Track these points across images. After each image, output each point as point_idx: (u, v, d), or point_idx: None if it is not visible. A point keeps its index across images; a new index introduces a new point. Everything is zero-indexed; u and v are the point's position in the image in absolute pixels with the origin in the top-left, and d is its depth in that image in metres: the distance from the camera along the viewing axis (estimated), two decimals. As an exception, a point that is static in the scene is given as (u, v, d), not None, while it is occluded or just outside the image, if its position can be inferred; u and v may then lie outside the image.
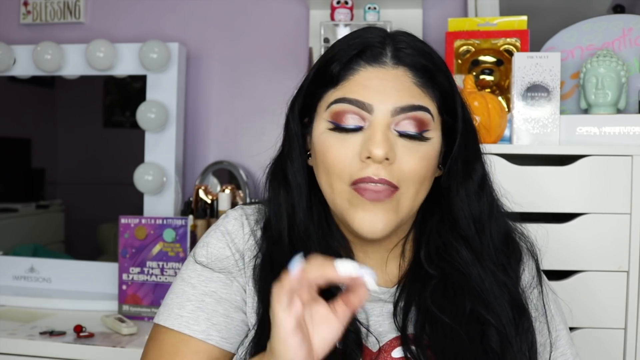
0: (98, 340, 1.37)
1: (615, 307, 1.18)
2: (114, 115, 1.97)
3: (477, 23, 1.46)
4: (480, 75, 1.41)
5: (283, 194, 0.81)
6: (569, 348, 0.85)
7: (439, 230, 0.81)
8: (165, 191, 1.74)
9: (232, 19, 1.87)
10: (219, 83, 1.87)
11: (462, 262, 0.78)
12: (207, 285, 0.79)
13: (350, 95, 0.74)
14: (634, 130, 1.23)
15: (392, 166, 0.72)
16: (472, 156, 0.80)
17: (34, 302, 1.66)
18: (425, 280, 0.79)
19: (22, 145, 2.00)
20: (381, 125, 0.73)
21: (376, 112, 0.73)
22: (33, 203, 1.99)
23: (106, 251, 1.88)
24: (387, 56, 0.75)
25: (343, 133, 0.74)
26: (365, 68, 0.75)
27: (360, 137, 0.73)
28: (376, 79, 0.74)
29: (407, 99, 0.73)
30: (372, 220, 0.73)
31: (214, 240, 0.83)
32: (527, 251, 0.86)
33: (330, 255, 0.77)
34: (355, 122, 0.74)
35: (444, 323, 0.75)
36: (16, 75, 1.85)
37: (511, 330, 0.76)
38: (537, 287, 0.84)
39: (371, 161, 0.72)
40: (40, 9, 1.92)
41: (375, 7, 1.62)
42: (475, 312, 0.75)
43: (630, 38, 1.40)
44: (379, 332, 0.78)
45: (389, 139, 0.72)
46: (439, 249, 0.80)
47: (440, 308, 0.76)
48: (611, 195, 1.18)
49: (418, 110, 0.74)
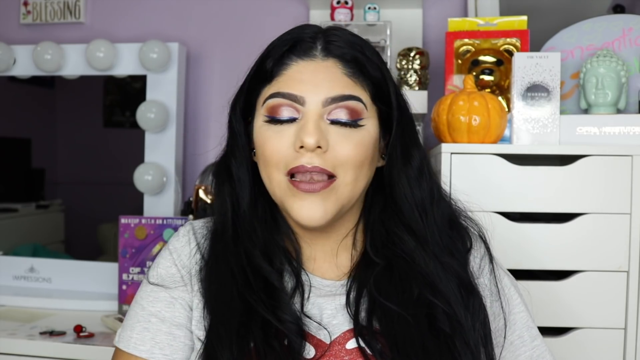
0: (98, 340, 1.38)
1: (615, 307, 1.18)
2: (114, 115, 1.97)
3: (477, 23, 1.46)
4: (480, 75, 1.41)
5: (228, 189, 0.83)
6: (527, 330, 0.86)
7: (382, 218, 0.83)
8: (165, 191, 1.74)
9: (232, 19, 1.87)
10: (219, 83, 1.87)
11: (405, 248, 0.80)
12: (154, 305, 0.82)
13: (283, 89, 0.77)
14: (634, 130, 1.23)
15: (326, 154, 0.75)
16: (410, 143, 0.83)
17: (34, 302, 1.66)
18: (372, 269, 0.80)
19: (22, 145, 2.00)
20: (313, 116, 0.75)
21: (308, 103, 0.76)
22: (33, 203, 1.99)
23: (106, 251, 1.88)
24: (317, 49, 0.79)
25: (278, 125, 0.77)
26: (297, 62, 0.79)
27: (294, 128, 0.76)
28: (307, 72, 0.77)
29: (337, 89, 0.76)
30: (310, 208, 0.75)
31: (162, 260, 0.85)
32: (476, 235, 0.87)
33: (274, 249, 0.81)
34: (289, 113, 0.77)
35: (392, 310, 0.76)
36: (16, 75, 1.85)
37: (460, 310, 0.77)
38: (489, 271, 0.85)
39: (304, 150, 0.74)
40: (40, 9, 1.92)
41: (375, 7, 1.62)
42: (423, 297, 0.77)
43: (630, 38, 1.40)
44: (333, 324, 0.79)
45: (320, 128, 0.75)
46: (383, 237, 0.82)
47: (386, 295, 0.77)
48: (611, 195, 1.18)
49: (349, 99, 0.77)
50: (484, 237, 0.88)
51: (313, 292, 0.81)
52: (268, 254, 0.81)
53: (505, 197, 1.20)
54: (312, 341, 0.77)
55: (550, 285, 1.19)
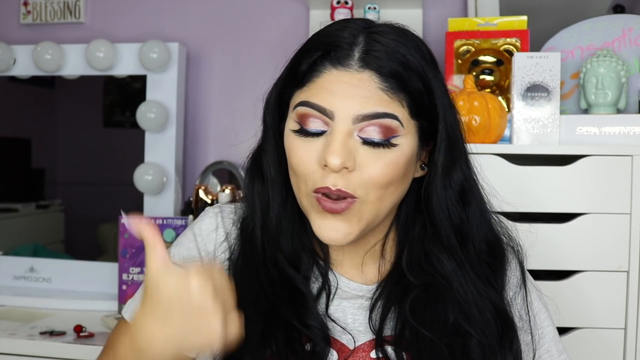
0: (98, 340, 1.37)
1: (615, 307, 1.18)
2: (114, 115, 1.97)
3: (477, 23, 1.46)
4: (480, 75, 1.41)
5: (258, 187, 0.80)
6: (555, 344, 0.85)
7: (420, 238, 0.79)
8: (165, 191, 1.74)
9: (232, 19, 1.87)
10: (219, 83, 1.87)
11: (443, 272, 0.77)
12: None
13: (313, 99, 0.72)
14: (634, 130, 1.23)
15: (351, 174, 0.70)
16: (453, 161, 0.77)
17: (34, 302, 1.66)
18: (407, 288, 0.77)
19: (22, 145, 2.00)
20: (341, 133, 0.70)
21: (337, 119, 0.70)
22: (33, 203, 1.99)
23: (106, 251, 1.88)
24: (354, 58, 0.71)
25: (307, 137, 0.72)
26: (330, 71, 0.71)
27: (322, 142, 0.71)
28: (340, 82, 0.71)
29: (371, 106, 0.70)
30: (331, 229, 0.72)
31: (186, 241, 0.83)
32: (512, 252, 0.84)
33: (302, 250, 0.78)
34: (317, 126, 0.72)
35: (424, 335, 0.73)
36: (16, 75, 1.85)
37: (494, 342, 0.75)
38: (521, 287, 0.83)
39: (330, 169, 0.70)
40: (40, 9, 1.92)
41: (375, 7, 1.62)
42: (457, 324, 0.74)
43: (630, 38, 1.40)
44: (358, 330, 0.77)
45: (348, 147, 0.70)
46: (420, 258, 0.78)
47: (421, 320, 0.74)
48: (611, 195, 1.18)
49: (383, 117, 0.70)
50: (519, 256, 0.84)
51: (338, 294, 0.79)
52: (295, 256, 0.79)
53: (505, 197, 1.20)
54: (335, 345, 0.76)
55: (550, 285, 1.19)
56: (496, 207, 0.85)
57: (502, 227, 0.85)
